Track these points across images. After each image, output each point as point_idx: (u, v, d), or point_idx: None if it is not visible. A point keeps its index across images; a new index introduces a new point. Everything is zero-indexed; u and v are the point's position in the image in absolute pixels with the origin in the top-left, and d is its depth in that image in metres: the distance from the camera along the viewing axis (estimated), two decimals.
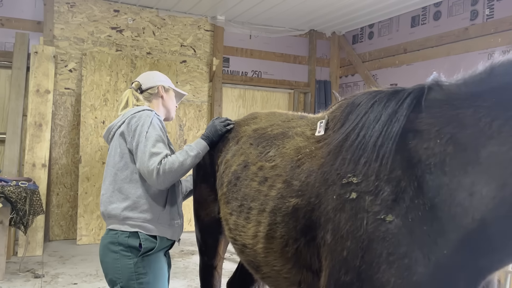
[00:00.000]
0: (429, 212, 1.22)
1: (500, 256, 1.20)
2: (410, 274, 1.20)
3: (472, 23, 5.65)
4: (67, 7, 6.36)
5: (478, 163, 1.17)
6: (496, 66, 1.28)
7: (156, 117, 2.13)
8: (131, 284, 1.99)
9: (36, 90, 5.85)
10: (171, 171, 1.95)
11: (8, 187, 4.49)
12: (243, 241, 1.80)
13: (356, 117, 1.47)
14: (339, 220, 1.36)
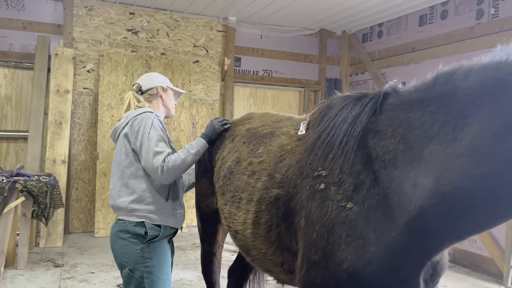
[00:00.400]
0: (382, 201, 1.40)
1: (439, 238, 1.37)
2: (364, 253, 1.39)
3: (477, 22, 5.71)
4: (85, 11, 6.66)
5: (421, 160, 1.35)
6: (439, 76, 1.45)
7: (157, 118, 2.32)
8: (137, 267, 2.21)
9: (57, 90, 6.17)
10: (174, 167, 2.16)
11: (30, 181, 4.80)
12: (235, 227, 2.01)
13: (328, 119, 1.66)
14: (311, 207, 1.56)
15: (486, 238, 5.36)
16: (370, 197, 1.42)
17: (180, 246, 6.11)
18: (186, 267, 5.19)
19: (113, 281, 4.62)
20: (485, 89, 1.29)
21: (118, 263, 2.30)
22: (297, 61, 8.04)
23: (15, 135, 6.38)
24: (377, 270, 1.38)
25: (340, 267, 1.43)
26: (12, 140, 6.39)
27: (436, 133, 1.34)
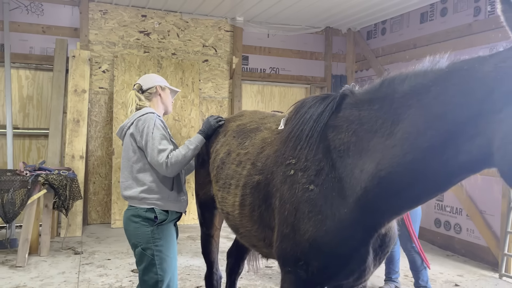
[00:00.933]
0: (337, 183, 1.69)
1: (380, 214, 1.65)
2: (322, 225, 1.68)
3: (475, 19, 5.88)
4: (100, 14, 7.04)
5: (368, 150, 1.63)
6: (384, 80, 1.72)
7: (158, 118, 2.63)
8: (149, 246, 2.55)
9: (74, 90, 6.57)
10: (177, 162, 2.49)
11: (51, 175, 5.20)
12: (227, 210, 2.32)
13: (299, 116, 1.95)
14: (283, 190, 1.85)
15: (483, 228, 5.57)
16: (328, 180, 1.71)
17: (191, 236, 6.48)
18: (195, 255, 5.54)
19: (127, 266, 4.99)
20: (414, 93, 1.56)
21: (131, 244, 2.64)
22: (303, 58, 8.30)
23: (36, 132, 6.81)
24: (332, 240, 1.67)
25: (303, 237, 1.72)
26: (34, 137, 6.83)
27: (379, 128, 1.62)
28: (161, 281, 2.55)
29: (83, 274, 4.71)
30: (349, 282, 1.82)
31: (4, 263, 4.99)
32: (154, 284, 2.55)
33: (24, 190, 4.98)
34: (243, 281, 4.65)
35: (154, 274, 2.55)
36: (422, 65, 1.64)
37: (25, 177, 5.03)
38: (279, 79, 8.17)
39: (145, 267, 2.57)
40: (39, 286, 4.34)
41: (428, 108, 1.49)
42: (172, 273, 2.62)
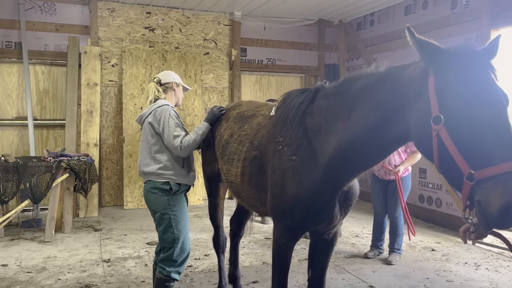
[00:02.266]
0: (312, 154, 2.29)
1: (342, 175, 2.25)
2: (301, 185, 2.28)
3: (452, 12, 6.43)
4: (108, 12, 7.59)
5: (333, 130, 2.22)
6: (345, 79, 2.31)
7: (172, 109, 3.21)
8: (166, 211, 3.15)
9: (87, 83, 7.15)
10: (189, 145, 3.10)
11: (72, 161, 5.82)
12: (231, 179, 2.93)
13: (286, 105, 2.54)
14: (274, 161, 2.45)
15: (459, 202, 6.19)
16: (305, 153, 2.30)
17: (197, 214, 7.13)
18: (202, 230, 6.19)
19: (143, 240, 5.64)
20: (363, 89, 2.14)
21: (151, 210, 3.24)
22: (298, 49, 8.85)
23: (53, 123, 7.41)
24: (309, 195, 2.27)
25: (288, 194, 2.32)
26: (51, 127, 7.44)
27: (340, 114, 2.20)
28: (178, 239, 3.12)
29: (104, 246, 5.36)
30: (322, 227, 2.44)
31: (33, 239, 5.64)
32: (172, 241, 3.12)
33: (49, 174, 5.60)
34: (246, 250, 5.30)
35: (171, 233, 3.12)
36: (370, 68, 2.21)
37: (49, 163, 5.64)
38: (275, 69, 8.74)
39: (164, 228, 3.15)
40: (67, 256, 4.99)
41: (371, 100, 2.07)
42: (185, 233, 3.18)
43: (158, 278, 3.17)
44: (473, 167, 1.61)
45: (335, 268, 4.73)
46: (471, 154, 1.62)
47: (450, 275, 4.56)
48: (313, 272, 2.66)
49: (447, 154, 1.68)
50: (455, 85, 1.68)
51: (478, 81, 1.67)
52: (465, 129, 1.64)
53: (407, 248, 5.48)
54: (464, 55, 1.73)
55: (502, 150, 1.57)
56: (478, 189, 1.60)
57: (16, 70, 7.18)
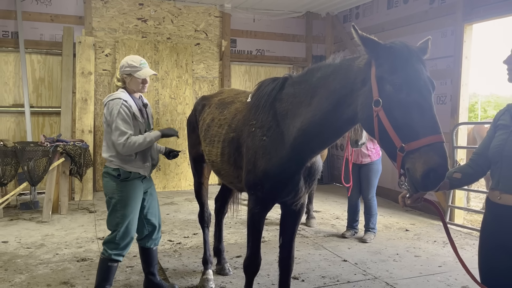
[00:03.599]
0: (280, 135, 2.62)
1: (305, 153, 2.58)
2: (270, 161, 2.62)
3: (430, 6, 6.76)
4: (102, 3, 7.84)
5: (298, 114, 2.55)
6: (309, 69, 2.63)
7: (123, 104, 3.13)
8: (113, 196, 3.22)
9: (81, 72, 7.43)
10: (132, 146, 3.10)
11: (68, 145, 6.13)
12: (212, 159, 3.27)
13: (259, 92, 2.86)
14: (248, 141, 2.79)
15: None
16: (274, 133, 2.64)
17: (187, 198, 7.49)
18: (192, 212, 6.55)
19: None
20: (322, 78, 2.46)
21: (104, 193, 3.33)
22: (286, 41, 9.15)
23: (49, 110, 7.69)
24: (277, 170, 2.60)
25: (259, 170, 2.64)
26: (47, 114, 7.72)
27: (303, 100, 2.53)
28: (121, 223, 3.20)
29: (98, 226, 5.70)
30: (290, 198, 2.78)
31: (32, 220, 5.97)
32: (116, 224, 3.22)
33: (46, 158, 5.91)
34: (232, 229, 5.67)
35: (115, 217, 3.22)
36: (328, 60, 2.54)
37: (46, 147, 5.95)
38: (264, 60, 9.05)
39: (110, 211, 3.26)
40: (64, 234, 5.33)
41: (328, 87, 2.39)
42: (131, 218, 3.24)
43: (101, 258, 3.29)
44: (404, 141, 1.96)
45: (313, 245, 5.11)
46: (402, 131, 1.97)
47: (419, 251, 4.96)
48: (284, 239, 3.01)
49: (384, 131, 2.03)
50: (389, 73, 2.02)
51: (407, 70, 2.01)
52: (397, 110, 1.99)
53: (383, 228, 5.88)
54: (398, 49, 2.07)
55: (425, 126, 1.93)
56: (407, 159, 1.95)
57: (13, 59, 7.44)
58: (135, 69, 3.26)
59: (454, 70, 6.26)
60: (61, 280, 3.93)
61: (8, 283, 3.86)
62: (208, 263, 3.93)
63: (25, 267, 4.23)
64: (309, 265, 4.45)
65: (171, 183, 8.29)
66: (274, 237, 5.36)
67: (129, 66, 3.25)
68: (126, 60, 3.30)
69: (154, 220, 3.52)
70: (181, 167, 8.31)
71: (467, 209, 6.64)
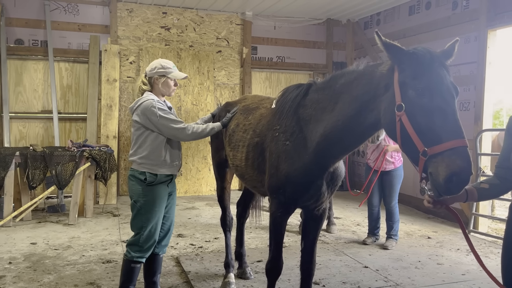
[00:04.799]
0: (303, 140, 2.67)
1: (327, 158, 2.62)
2: (293, 165, 2.67)
3: (453, 12, 6.72)
4: (127, 13, 8.06)
5: (320, 119, 2.60)
6: (332, 75, 2.68)
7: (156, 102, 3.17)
8: (138, 199, 3.23)
9: (107, 79, 7.64)
10: (195, 132, 3.20)
11: (94, 150, 6.31)
12: (236, 163, 3.33)
13: (283, 98, 2.92)
14: (271, 146, 2.85)
15: None
16: (297, 138, 2.69)
17: (208, 203, 7.58)
18: (213, 217, 6.63)
19: None
20: (345, 84, 2.50)
21: (129, 196, 3.35)
22: (306, 47, 9.21)
23: (75, 116, 7.93)
24: (299, 175, 2.65)
25: (282, 174, 2.70)
26: (73, 120, 7.95)
27: (327, 106, 2.58)
28: (145, 226, 3.22)
29: (122, 229, 5.83)
30: (311, 203, 2.82)
31: (59, 222, 6.15)
32: (139, 227, 3.25)
33: (73, 163, 6.09)
34: (252, 234, 5.72)
35: (140, 220, 3.23)
36: (352, 66, 2.58)
37: (73, 152, 6.13)
38: (285, 66, 9.12)
39: (134, 215, 3.28)
40: (90, 237, 5.47)
41: (351, 93, 2.44)
42: (154, 223, 3.26)
43: (124, 259, 3.33)
44: (426, 145, 1.98)
45: (334, 251, 5.11)
46: (425, 135, 2.00)
47: (441, 259, 4.90)
48: (305, 243, 3.05)
49: (407, 136, 2.06)
50: (412, 78, 2.06)
51: (430, 75, 2.04)
52: (420, 115, 2.02)
53: (404, 235, 5.83)
54: (421, 54, 2.10)
55: (448, 131, 1.95)
56: (430, 163, 1.97)
57: (42, 67, 7.71)
58: (169, 70, 3.27)
59: (478, 76, 6.20)
60: (88, 281, 4.05)
61: (37, 283, 4.00)
62: (230, 267, 3.99)
63: (53, 268, 4.37)
64: (330, 270, 4.46)
65: (193, 188, 8.40)
66: (294, 242, 5.38)
67: (162, 68, 3.26)
68: (159, 62, 3.30)
69: (168, 225, 3.49)
70: (202, 172, 8.42)
71: (492, 217, 6.53)
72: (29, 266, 4.42)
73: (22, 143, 7.60)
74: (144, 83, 3.31)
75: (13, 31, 7.52)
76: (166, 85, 3.31)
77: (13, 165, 5.92)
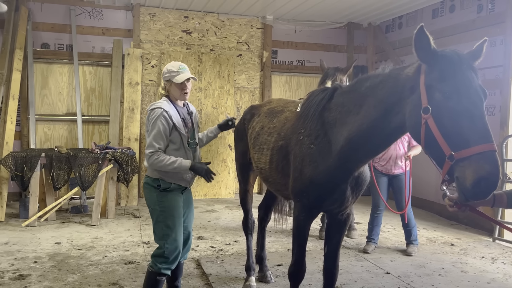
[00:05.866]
0: (327, 144, 2.66)
1: (352, 162, 2.60)
2: (317, 169, 2.66)
3: (478, 15, 6.61)
4: (149, 17, 8.17)
5: (346, 123, 2.58)
6: (358, 79, 2.66)
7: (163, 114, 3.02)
8: (155, 207, 3.15)
9: (129, 83, 7.75)
10: (154, 162, 3.02)
11: (116, 152, 6.40)
12: (261, 166, 3.34)
13: (308, 102, 2.92)
14: (295, 149, 2.85)
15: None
16: (322, 142, 2.68)
17: (228, 206, 7.60)
18: (232, 220, 6.64)
19: None
20: (371, 87, 2.48)
21: (147, 204, 3.26)
22: (327, 51, 9.18)
23: (98, 119, 8.06)
24: (323, 178, 2.64)
25: (306, 177, 2.69)
26: (96, 123, 8.09)
27: (352, 109, 2.56)
28: (168, 235, 3.11)
29: (144, 231, 5.89)
30: (335, 207, 2.80)
31: (81, 223, 6.25)
32: (162, 236, 3.14)
33: (96, 164, 6.19)
34: (272, 238, 5.71)
35: (161, 229, 3.14)
36: (378, 70, 2.56)
37: (96, 154, 6.24)
38: (305, 70, 9.11)
39: (155, 222, 3.18)
40: (112, 238, 5.55)
41: (376, 96, 2.42)
42: (176, 229, 3.14)
43: (150, 271, 3.19)
44: (453, 149, 1.95)
45: (355, 257, 5.06)
46: (451, 138, 1.97)
47: (466, 266, 4.81)
48: (328, 248, 3.03)
49: (432, 139, 2.03)
50: (439, 81, 2.03)
51: (457, 78, 2.01)
52: (447, 118, 1.99)
53: (427, 242, 5.74)
54: (448, 57, 2.07)
55: (476, 135, 1.92)
56: (457, 167, 1.94)
57: (67, 70, 7.88)
58: (173, 74, 3.15)
59: (504, 80, 6.07)
60: (111, 281, 4.10)
61: (62, 282, 4.07)
62: (251, 270, 3.99)
63: (77, 268, 4.45)
64: (351, 276, 4.41)
65: (212, 191, 8.44)
66: (314, 247, 5.35)
67: (168, 72, 3.17)
68: (166, 67, 3.22)
69: (187, 234, 3.39)
70: (222, 175, 8.45)
71: None
72: (53, 265, 4.50)
73: (47, 145, 7.76)
74: (162, 88, 3.27)
75: (39, 35, 7.71)
76: (174, 90, 3.19)
77: (38, 166, 6.05)
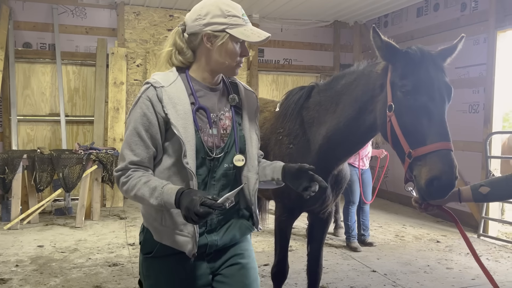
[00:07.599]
0: (306, 142, 2.64)
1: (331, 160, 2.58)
2: None
3: (462, 14, 6.65)
4: (134, 16, 8.09)
5: (323, 121, 2.56)
6: (334, 77, 2.65)
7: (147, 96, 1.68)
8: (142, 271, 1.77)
9: (114, 82, 7.66)
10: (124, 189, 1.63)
11: (100, 153, 6.32)
12: None
13: (287, 101, 2.89)
14: (274, 149, 2.82)
15: None
16: (301, 141, 2.66)
17: None
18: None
19: None
20: (346, 85, 2.46)
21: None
22: (313, 50, 9.17)
23: (82, 119, 7.95)
24: None
25: None
26: (80, 123, 7.98)
27: (329, 107, 2.55)
28: None
29: (129, 232, 5.82)
30: (317, 207, 2.79)
31: (66, 225, 6.16)
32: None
33: (80, 165, 6.11)
34: (259, 238, 5.68)
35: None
36: (353, 67, 2.54)
37: (80, 155, 6.15)
38: (292, 69, 9.09)
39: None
40: (96, 240, 5.47)
41: (351, 94, 2.40)
42: None
43: None
44: (412, 146, 1.94)
45: (341, 255, 5.05)
46: (410, 136, 1.96)
47: (451, 263, 4.83)
48: (312, 247, 3.01)
49: (395, 136, 2.03)
50: (401, 79, 2.01)
51: (417, 75, 1.98)
52: (407, 115, 1.98)
53: (413, 239, 5.76)
54: (411, 54, 2.05)
55: (433, 132, 1.90)
56: (415, 166, 1.93)
57: (50, 70, 7.76)
58: (235, 22, 1.67)
59: (487, 78, 6.11)
60: (94, 284, 4.04)
61: (44, 286, 4.00)
62: None
63: (60, 271, 4.37)
64: (337, 274, 4.41)
65: None
66: (301, 246, 5.34)
67: (223, 15, 1.65)
68: (215, 3, 1.67)
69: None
70: None
71: (502, 221, 6.42)
72: (35, 269, 4.42)
73: (30, 146, 7.63)
74: (179, 48, 1.71)
75: (21, 35, 7.57)
76: (226, 51, 1.68)
77: (20, 167, 5.94)
